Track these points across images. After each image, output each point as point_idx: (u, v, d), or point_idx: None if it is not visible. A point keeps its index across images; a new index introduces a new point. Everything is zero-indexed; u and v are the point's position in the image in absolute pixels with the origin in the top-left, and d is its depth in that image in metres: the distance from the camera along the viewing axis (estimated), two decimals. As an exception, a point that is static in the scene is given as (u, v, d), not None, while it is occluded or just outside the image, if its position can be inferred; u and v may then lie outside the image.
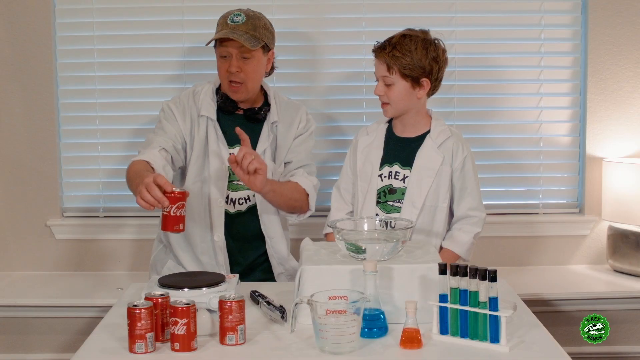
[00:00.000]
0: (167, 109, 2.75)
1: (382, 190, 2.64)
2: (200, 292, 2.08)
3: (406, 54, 2.52)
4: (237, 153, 2.44)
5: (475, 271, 1.92)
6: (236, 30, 2.61)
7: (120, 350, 1.95)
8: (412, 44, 2.53)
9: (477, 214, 2.64)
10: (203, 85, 2.80)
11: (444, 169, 2.61)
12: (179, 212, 2.19)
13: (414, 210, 2.58)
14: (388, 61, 2.54)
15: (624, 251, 3.21)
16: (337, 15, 3.32)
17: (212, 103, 2.75)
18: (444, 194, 2.61)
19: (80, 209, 3.39)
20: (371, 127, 2.75)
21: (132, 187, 2.46)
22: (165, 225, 2.21)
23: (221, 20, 2.68)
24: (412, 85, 2.56)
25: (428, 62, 2.55)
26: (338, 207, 2.73)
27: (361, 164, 2.69)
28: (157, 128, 2.73)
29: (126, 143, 3.33)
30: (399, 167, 2.64)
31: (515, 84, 3.36)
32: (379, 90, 2.59)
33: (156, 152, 2.58)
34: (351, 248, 2.12)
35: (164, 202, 2.17)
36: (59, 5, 3.28)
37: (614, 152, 3.32)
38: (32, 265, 3.37)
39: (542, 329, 2.07)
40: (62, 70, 3.32)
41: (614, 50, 3.28)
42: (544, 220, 3.37)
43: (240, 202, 2.75)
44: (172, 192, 2.18)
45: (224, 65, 2.67)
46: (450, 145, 2.63)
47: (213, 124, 2.72)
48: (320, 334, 1.90)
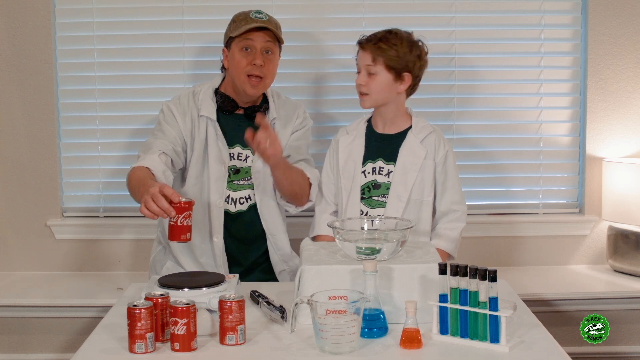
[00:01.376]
0: (166, 110, 2.74)
1: (366, 185, 2.68)
2: (200, 292, 2.09)
3: (392, 47, 2.59)
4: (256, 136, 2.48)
5: (475, 271, 1.92)
6: (265, 24, 2.67)
7: (120, 350, 1.95)
8: (398, 39, 2.61)
9: (459, 208, 2.69)
10: (202, 85, 2.81)
11: (427, 163, 2.66)
12: (185, 222, 2.18)
13: (399, 203, 2.62)
14: (374, 51, 2.61)
15: (624, 251, 3.21)
16: (337, 15, 3.32)
17: (212, 103, 2.75)
18: (428, 187, 2.66)
19: (80, 209, 3.38)
20: (350, 127, 2.79)
21: (134, 195, 2.45)
22: (173, 235, 2.19)
23: (241, 17, 2.71)
24: (394, 78, 2.62)
25: (412, 58, 2.61)
26: (322, 209, 2.75)
27: (343, 162, 2.72)
28: (157, 130, 2.73)
29: (126, 143, 3.33)
30: (383, 162, 2.67)
31: (515, 84, 3.35)
32: (360, 80, 2.65)
33: (155, 157, 2.58)
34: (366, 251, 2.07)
35: (171, 213, 2.16)
36: (59, 5, 3.28)
37: (614, 152, 3.32)
38: (32, 265, 3.37)
39: (542, 329, 2.07)
40: (62, 70, 3.31)
41: (614, 50, 3.28)
42: (544, 220, 3.37)
43: (241, 201, 2.76)
44: (179, 202, 2.17)
45: (246, 58, 2.68)
46: (432, 140, 2.68)
47: (213, 124, 2.72)
48: (320, 334, 1.90)
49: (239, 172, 2.76)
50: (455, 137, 3.32)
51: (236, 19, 2.72)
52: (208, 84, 2.80)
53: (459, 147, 3.32)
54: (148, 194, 2.19)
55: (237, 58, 2.70)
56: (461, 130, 3.34)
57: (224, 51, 2.77)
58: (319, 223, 2.72)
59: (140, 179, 2.43)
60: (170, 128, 2.70)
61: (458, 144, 3.32)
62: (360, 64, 2.66)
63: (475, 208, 3.35)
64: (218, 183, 2.72)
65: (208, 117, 2.72)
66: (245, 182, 2.76)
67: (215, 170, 2.72)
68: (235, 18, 2.73)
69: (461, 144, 3.33)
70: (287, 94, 2.95)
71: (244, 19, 2.69)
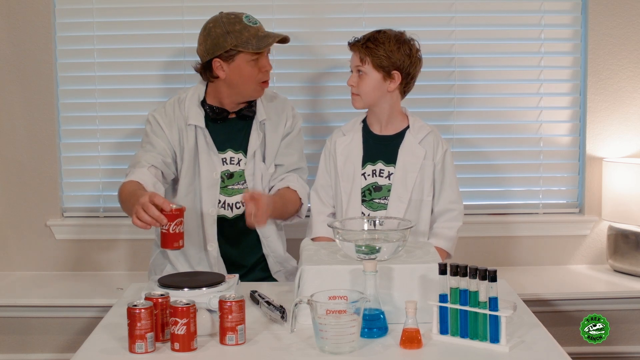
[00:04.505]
0: (153, 120, 2.71)
1: (367, 188, 2.67)
2: (200, 292, 2.09)
3: (379, 46, 2.60)
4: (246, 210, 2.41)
5: (475, 271, 1.92)
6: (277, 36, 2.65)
7: (120, 350, 1.95)
8: (385, 38, 2.62)
9: (456, 207, 2.69)
10: (186, 91, 2.76)
11: (426, 163, 2.66)
12: (177, 229, 2.19)
13: (401, 205, 2.62)
14: (361, 52, 2.62)
15: (624, 251, 3.21)
16: (337, 15, 3.32)
17: (199, 110, 2.70)
18: (428, 188, 2.66)
19: (80, 209, 3.38)
20: (346, 128, 2.78)
21: (126, 209, 2.47)
22: (165, 243, 2.20)
23: (237, 26, 2.60)
24: (383, 77, 2.62)
25: (400, 57, 2.61)
26: (319, 210, 2.74)
27: (342, 165, 2.71)
28: (145, 142, 2.70)
29: (126, 143, 3.33)
30: (383, 164, 2.67)
31: (515, 84, 3.35)
32: (351, 81, 2.66)
33: (145, 169, 2.57)
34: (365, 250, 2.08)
35: (162, 221, 2.17)
36: (59, 5, 3.28)
37: (614, 152, 3.32)
38: (32, 265, 3.37)
39: (542, 329, 2.07)
40: (62, 70, 3.31)
41: (614, 50, 3.28)
42: (544, 220, 3.37)
43: (237, 206, 2.74)
44: (170, 209, 2.18)
45: (256, 67, 2.63)
46: (431, 140, 2.69)
47: (202, 132, 2.69)
48: (320, 334, 1.90)
49: (233, 177, 2.73)
50: (455, 137, 3.32)
51: (231, 29, 2.60)
52: (192, 91, 2.74)
53: (458, 147, 3.32)
54: (139, 204, 2.19)
55: (248, 69, 2.63)
56: (461, 130, 3.34)
57: (215, 62, 2.64)
58: (316, 225, 2.71)
59: (131, 192, 2.43)
60: (159, 139, 2.67)
61: (458, 144, 3.32)
62: (351, 65, 2.68)
63: (475, 208, 3.35)
64: (210, 192, 2.70)
65: (197, 125, 2.69)
66: (240, 186, 2.74)
67: (207, 179, 2.69)
68: (230, 29, 2.61)
69: (461, 144, 3.33)
70: (287, 94, 2.95)
71: (244, 28, 2.61)
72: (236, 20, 2.63)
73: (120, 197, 2.52)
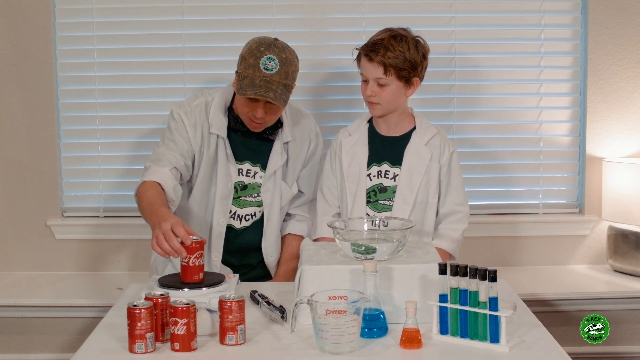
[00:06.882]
0: (178, 118, 2.65)
1: (372, 189, 2.66)
2: (200, 292, 2.09)
3: (400, 55, 2.54)
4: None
5: (475, 271, 1.92)
6: (271, 84, 2.48)
7: (120, 350, 1.95)
8: (404, 44, 2.55)
9: (462, 209, 2.67)
10: (214, 93, 2.70)
11: (432, 165, 2.64)
12: (197, 262, 2.13)
13: (406, 207, 2.61)
14: (385, 63, 2.54)
15: (624, 251, 3.21)
16: (337, 15, 3.32)
17: (223, 119, 2.65)
18: (433, 190, 2.64)
19: (80, 209, 3.38)
20: (352, 127, 2.75)
21: (144, 215, 2.41)
22: (185, 276, 2.13)
23: (252, 60, 2.49)
24: (404, 84, 2.59)
25: (420, 60, 2.58)
26: (324, 211, 2.73)
27: (347, 165, 2.68)
28: (167, 139, 2.64)
29: (126, 143, 3.33)
30: (389, 165, 2.65)
31: (515, 84, 3.35)
32: (370, 91, 2.58)
33: (167, 170, 2.52)
34: (360, 250, 2.09)
35: (182, 254, 2.12)
36: (59, 5, 3.28)
37: (614, 152, 3.32)
38: (32, 265, 3.37)
39: (542, 329, 2.07)
40: (62, 70, 3.31)
41: (614, 50, 3.28)
42: (544, 220, 3.37)
43: (247, 218, 2.73)
44: (191, 243, 2.12)
45: (248, 106, 2.55)
46: (437, 142, 2.66)
47: (223, 142, 2.65)
48: (320, 334, 1.90)
49: (246, 189, 2.71)
50: (455, 137, 3.32)
51: (248, 57, 2.50)
52: (219, 95, 2.68)
53: (458, 147, 3.30)
54: (160, 229, 2.15)
55: (241, 102, 2.58)
56: (461, 130, 3.34)
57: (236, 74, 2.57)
58: (320, 225, 2.69)
59: (152, 204, 2.37)
60: (182, 139, 2.62)
61: (458, 144, 3.31)
62: (367, 75, 2.58)
63: (475, 208, 3.34)
64: (224, 202, 2.68)
65: (219, 135, 2.65)
66: (252, 198, 2.72)
67: (222, 189, 2.67)
68: (247, 55, 2.50)
69: (461, 144, 3.33)
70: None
71: (252, 65, 2.48)
72: (257, 54, 2.50)
73: (140, 200, 2.45)
